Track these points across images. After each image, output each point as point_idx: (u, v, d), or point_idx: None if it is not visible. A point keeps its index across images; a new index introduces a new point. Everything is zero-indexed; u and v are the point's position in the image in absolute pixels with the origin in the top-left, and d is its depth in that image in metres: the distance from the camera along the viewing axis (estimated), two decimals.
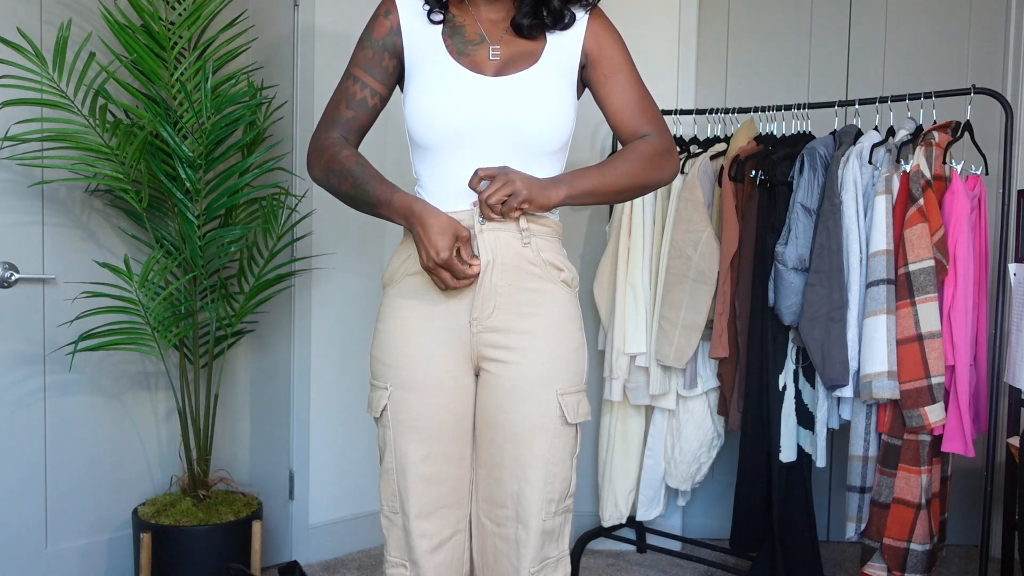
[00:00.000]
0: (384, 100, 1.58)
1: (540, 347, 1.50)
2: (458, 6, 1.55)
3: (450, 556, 1.54)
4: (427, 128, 1.48)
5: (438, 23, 1.53)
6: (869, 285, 2.23)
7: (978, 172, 2.27)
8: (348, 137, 1.55)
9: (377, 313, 1.59)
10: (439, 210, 1.44)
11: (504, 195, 1.41)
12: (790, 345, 2.38)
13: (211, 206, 2.34)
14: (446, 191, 1.50)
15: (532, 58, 1.52)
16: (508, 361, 1.50)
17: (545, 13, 1.51)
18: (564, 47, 1.55)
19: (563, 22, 1.53)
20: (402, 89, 1.57)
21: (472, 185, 1.43)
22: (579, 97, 1.60)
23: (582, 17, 1.56)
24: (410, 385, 1.51)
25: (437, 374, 1.51)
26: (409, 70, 1.54)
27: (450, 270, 1.42)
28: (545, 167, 1.52)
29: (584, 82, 1.61)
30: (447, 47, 1.51)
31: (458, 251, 1.44)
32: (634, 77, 1.59)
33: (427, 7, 1.53)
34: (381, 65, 1.55)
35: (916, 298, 2.17)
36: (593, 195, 1.50)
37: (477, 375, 1.55)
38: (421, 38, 1.53)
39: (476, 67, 1.50)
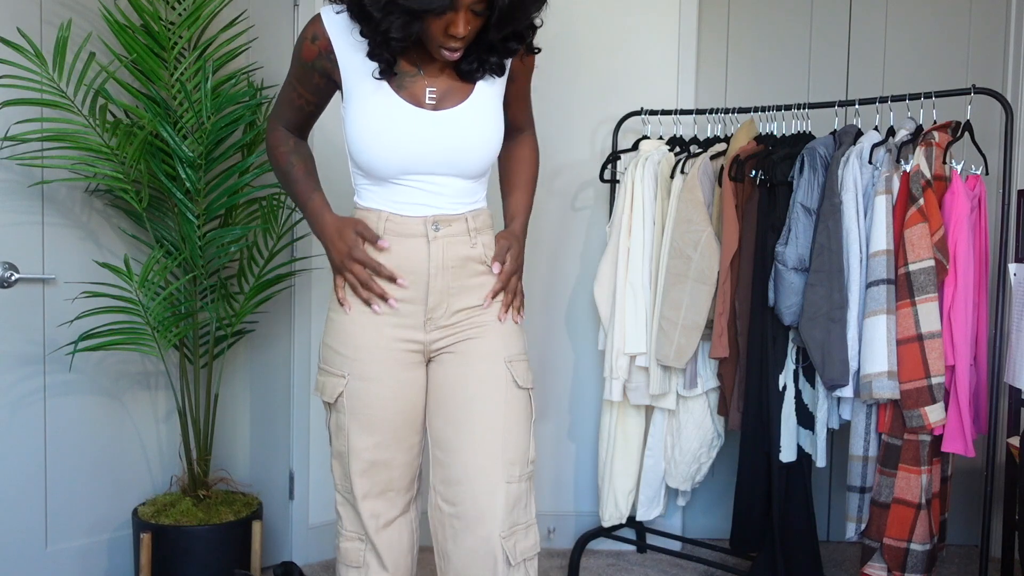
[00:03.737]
0: (320, 107, 1.69)
1: (484, 323, 1.63)
2: None
3: (398, 534, 1.66)
4: (372, 160, 1.55)
5: (380, 79, 1.55)
6: (869, 285, 2.23)
7: (978, 172, 2.27)
8: (291, 131, 1.72)
9: (329, 302, 1.70)
10: (335, 216, 1.64)
11: (520, 299, 1.70)
12: (790, 345, 2.38)
13: (211, 206, 2.34)
14: (386, 200, 1.60)
15: (467, 90, 1.58)
16: (459, 340, 1.62)
17: (488, 67, 1.58)
18: (496, 76, 1.62)
19: (502, 73, 1.61)
20: (342, 96, 1.61)
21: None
22: None
23: None
24: (367, 375, 1.60)
25: (392, 366, 1.61)
26: (347, 91, 1.58)
27: (364, 263, 1.59)
28: (477, 184, 1.65)
29: None
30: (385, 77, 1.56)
31: (365, 240, 1.59)
32: (529, 87, 1.75)
33: (377, 71, 1.54)
34: (312, 82, 1.63)
35: (916, 298, 2.16)
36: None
37: (429, 362, 1.66)
38: (357, 64, 1.56)
39: (415, 99, 1.55)
